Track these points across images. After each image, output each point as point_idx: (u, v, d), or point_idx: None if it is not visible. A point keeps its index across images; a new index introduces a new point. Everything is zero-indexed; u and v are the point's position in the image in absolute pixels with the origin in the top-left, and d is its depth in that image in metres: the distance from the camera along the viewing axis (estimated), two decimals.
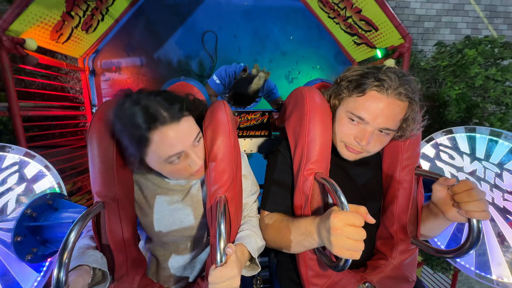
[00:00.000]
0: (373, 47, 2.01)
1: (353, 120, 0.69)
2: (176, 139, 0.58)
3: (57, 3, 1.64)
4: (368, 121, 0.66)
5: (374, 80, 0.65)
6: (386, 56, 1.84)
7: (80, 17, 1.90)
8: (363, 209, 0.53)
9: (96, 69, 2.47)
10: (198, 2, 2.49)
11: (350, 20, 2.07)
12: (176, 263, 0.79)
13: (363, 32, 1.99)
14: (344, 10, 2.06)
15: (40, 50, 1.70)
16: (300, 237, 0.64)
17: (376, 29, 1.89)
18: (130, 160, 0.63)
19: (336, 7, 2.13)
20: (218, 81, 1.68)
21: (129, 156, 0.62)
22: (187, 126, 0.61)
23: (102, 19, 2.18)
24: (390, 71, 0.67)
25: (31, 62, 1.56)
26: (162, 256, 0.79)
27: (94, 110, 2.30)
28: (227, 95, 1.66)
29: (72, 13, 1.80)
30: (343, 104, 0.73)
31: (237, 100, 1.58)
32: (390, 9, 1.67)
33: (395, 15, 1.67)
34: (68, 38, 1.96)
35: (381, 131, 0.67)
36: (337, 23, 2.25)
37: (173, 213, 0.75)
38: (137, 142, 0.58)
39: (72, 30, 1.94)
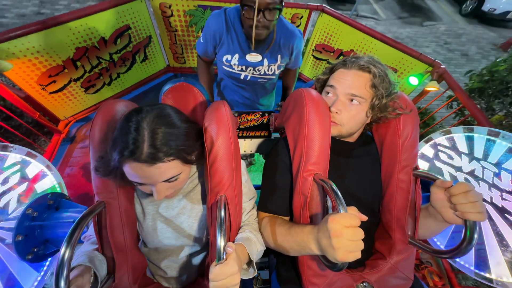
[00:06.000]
0: None
1: (328, 93, 0.80)
2: (141, 175, 0.55)
3: (66, 45, 1.38)
4: (336, 87, 0.77)
5: (342, 61, 0.82)
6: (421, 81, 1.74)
7: (85, 71, 1.59)
8: (354, 209, 0.54)
9: (77, 136, 1.84)
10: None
11: None
12: (175, 264, 0.79)
13: None
14: None
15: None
16: (297, 247, 0.64)
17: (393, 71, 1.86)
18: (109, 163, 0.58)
19: None
20: (202, 40, 1.21)
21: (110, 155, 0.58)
22: (159, 171, 0.56)
23: (109, 84, 1.82)
24: (362, 57, 0.79)
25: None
26: (157, 260, 0.79)
27: None
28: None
29: (78, 63, 1.51)
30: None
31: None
32: (403, 44, 1.66)
33: (411, 48, 1.65)
34: (60, 90, 1.56)
35: (351, 100, 0.75)
36: None
37: (167, 220, 0.74)
38: (113, 157, 0.55)
39: (69, 82, 1.56)
